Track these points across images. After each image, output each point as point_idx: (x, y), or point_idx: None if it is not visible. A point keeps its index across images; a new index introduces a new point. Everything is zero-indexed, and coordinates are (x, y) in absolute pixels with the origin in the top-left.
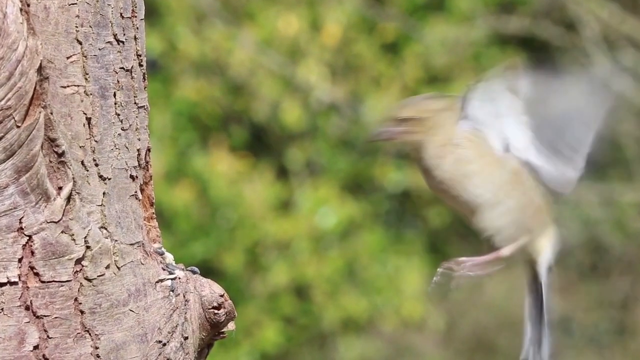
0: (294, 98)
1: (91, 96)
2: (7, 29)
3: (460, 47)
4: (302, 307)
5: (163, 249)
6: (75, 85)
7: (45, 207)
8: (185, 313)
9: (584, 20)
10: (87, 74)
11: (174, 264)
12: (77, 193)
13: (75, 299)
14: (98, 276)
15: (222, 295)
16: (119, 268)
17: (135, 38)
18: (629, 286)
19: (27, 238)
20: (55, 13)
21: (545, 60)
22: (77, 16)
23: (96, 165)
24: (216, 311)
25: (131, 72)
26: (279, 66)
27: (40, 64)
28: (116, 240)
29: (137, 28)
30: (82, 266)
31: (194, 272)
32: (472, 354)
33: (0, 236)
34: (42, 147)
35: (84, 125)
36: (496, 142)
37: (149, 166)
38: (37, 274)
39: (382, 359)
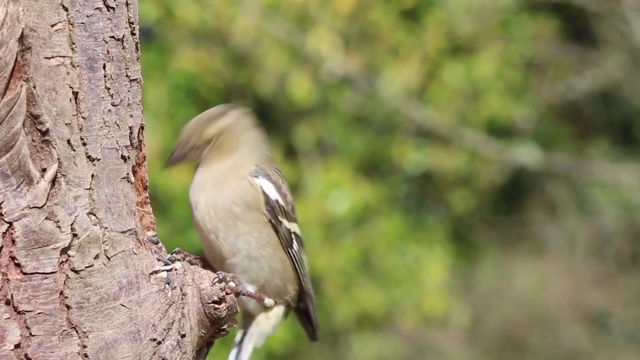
0: (303, 70)
1: (78, 68)
2: None
3: (487, 13)
4: None
5: (157, 237)
6: (60, 56)
7: (28, 190)
8: (183, 308)
9: None
10: (74, 43)
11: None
12: (63, 175)
13: (61, 293)
14: (86, 267)
15: (223, 289)
16: (109, 258)
17: (127, 4)
18: None
19: (8, 225)
20: None
21: (580, 28)
22: None
23: (84, 144)
24: (217, 306)
25: (122, 42)
26: (286, 35)
27: (22, 32)
28: (106, 228)
29: None
30: (69, 256)
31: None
32: (500, 353)
33: None
34: (23, 124)
35: (70, 100)
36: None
37: (142, 145)
38: (18, 265)
39: (400, 359)
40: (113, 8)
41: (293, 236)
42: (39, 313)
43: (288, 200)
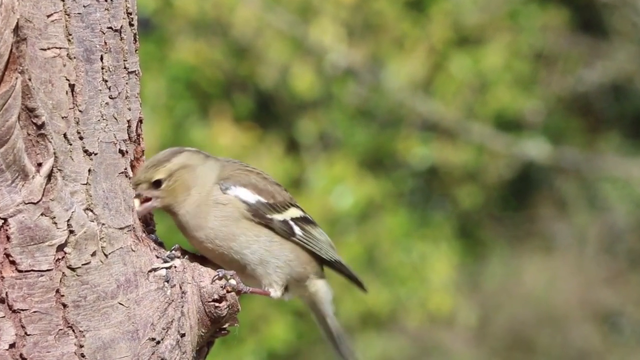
0: (305, 62)
1: (75, 60)
2: None
3: (495, 3)
4: None
5: (156, 234)
6: (56, 48)
7: (23, 186)
8: (182, 307)
9: None
10: (70, 34)
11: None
12: (59, 170)
13: (57, 291)
14: (83, 265)
15: (223, 287)
16: (106, 255)
17: None
18: None
19: (2, 221)
20: None
21: (590, 19)
22: None
23: (80, 138)
24: (217, 304)
25: (120, 33)
26: (288, 25)
27: (17, 23)
28: (103, 224)
29: None
30: (65, 253)
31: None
32: (508, 353)
33: None
34: (18, 117)
35: (66, 92)
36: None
37: (140, 139)
38: (13, 262)
39: (405, 359)
40: None
41: (292, 223)
42: (35, 312)
43: (271, 191)
